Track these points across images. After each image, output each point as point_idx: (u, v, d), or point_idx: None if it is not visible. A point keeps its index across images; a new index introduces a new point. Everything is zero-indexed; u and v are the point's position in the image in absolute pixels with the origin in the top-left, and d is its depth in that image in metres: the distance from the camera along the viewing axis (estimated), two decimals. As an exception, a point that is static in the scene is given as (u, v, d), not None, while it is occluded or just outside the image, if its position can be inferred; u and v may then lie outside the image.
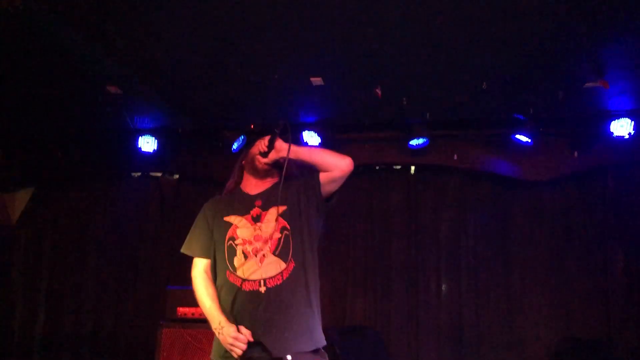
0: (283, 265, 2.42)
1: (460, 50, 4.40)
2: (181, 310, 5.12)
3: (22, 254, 7.11)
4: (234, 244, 2.49)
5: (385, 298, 6.50)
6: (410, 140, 5.95)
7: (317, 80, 4.97)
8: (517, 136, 5.72)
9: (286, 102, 5.64)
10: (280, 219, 2.49)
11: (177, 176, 7.02)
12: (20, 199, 7.14)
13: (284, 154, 2.47)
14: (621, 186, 6.08)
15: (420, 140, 5.93)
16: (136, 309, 6.75)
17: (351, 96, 5.44)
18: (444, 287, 6.44)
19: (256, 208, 2.53)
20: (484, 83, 4.94)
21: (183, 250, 2.69)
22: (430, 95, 5.37)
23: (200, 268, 2.60)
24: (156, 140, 6.18)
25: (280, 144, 2.50)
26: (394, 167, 6.63)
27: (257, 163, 2.58)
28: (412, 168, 6.58)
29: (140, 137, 6.12)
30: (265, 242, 2.44)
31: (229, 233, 2.52)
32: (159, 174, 7.02)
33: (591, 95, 5.19)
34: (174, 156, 6.61)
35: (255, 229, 2.48)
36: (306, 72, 4.86)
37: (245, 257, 2.44)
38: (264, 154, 2.53)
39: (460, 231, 6.48)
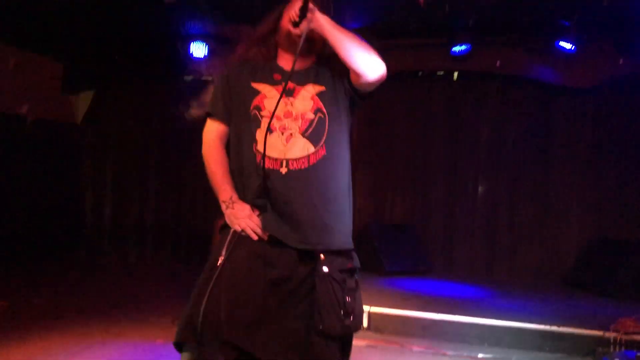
0: (311, 149, 2.08)
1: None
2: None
3: (89, 150, 7.78)
4: (258, 115, 2.11)
5: (424, 198, 6.90)
6: (453, 46, 6.03)
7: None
8: (561, 43, 5.74)
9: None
10: (317, 98, 2.13)
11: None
12: (84, 101, 7.69)
13: (315, 25, 2.05)
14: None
15: (463, 47, 6.02)
16: (193, 201, 7.40)
17: (394, 1, 5.49)
18: (480, 188, 6.75)
19: (290, 82, 2.10)
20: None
21: (208, 109, 2.29)
22: (473, 1, 5.39)
23: (215, 134, 2.25)
24: (207, 46, 6.45)
25: (313, 12, 2.04)
26: (437, 73, 6.75)
27: (293, 36, 2.11)
28: (455, 74, 6.70)
29: (192, 43, 6.41)
30: (295, 119, 2.09)
31: (255, 101, 2.14)
32: (210, 78, 7.36)
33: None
34: (224, 61, 6.86)
35: (285, 104, 2.10)
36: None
37: (270, 131, 2.05)
38: (295, 24, 2.07)
39: (500, 136, 6.68)
